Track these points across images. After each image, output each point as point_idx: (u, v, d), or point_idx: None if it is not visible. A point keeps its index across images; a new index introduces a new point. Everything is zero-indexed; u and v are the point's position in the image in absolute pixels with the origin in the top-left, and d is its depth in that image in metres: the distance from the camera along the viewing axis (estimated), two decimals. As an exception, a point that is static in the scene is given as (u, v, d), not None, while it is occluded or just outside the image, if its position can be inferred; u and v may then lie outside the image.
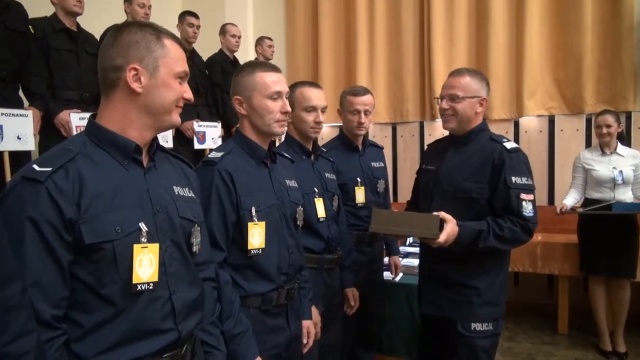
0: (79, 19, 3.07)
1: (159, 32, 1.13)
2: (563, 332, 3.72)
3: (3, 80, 2.62)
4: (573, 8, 4.07)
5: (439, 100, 1.92)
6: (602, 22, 4.02)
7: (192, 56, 3.96)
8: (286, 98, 1.61)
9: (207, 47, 4.30)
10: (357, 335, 2.50)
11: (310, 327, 1.78)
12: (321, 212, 1.99)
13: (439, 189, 1.92)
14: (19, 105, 2.72)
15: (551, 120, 4.28)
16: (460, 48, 4.51)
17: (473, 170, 1.85)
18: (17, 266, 0.88)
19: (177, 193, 1.19)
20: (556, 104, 4.23)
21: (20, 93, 2.83)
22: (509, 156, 1.80)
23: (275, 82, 1.57)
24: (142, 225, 1.05)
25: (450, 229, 1.69)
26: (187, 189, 1.25)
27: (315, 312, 1.85)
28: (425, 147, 2.41)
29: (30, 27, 2.80)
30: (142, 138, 1.12)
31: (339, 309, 2.21)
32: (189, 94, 1.18)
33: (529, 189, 1.80)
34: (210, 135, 3.80)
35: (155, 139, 1.19)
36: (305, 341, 1.75)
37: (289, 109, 1.60)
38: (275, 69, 1.61)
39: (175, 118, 1.17)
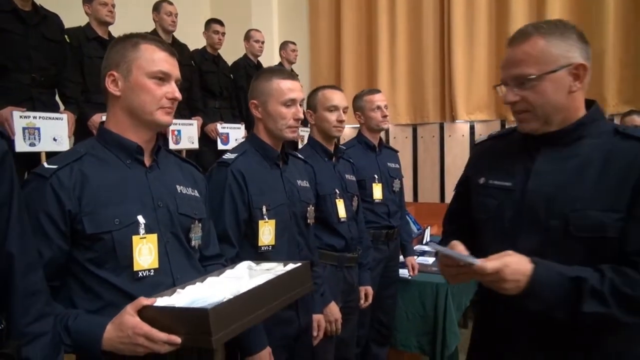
0: (110, 28, 3.25)
1: (138, 39, 1.21)
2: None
3: (41, 86, 2.80)
4: (595, 6, 4.02)
5: (500, 90, 1.18)
6: (624, 19, 3.94)
7: (217, 61, 4.14)
8: (300, 105, 1.68)
9: (234, 52, 4.46)
10: (372, 330, 2.59)
11: (321, 320, 1.85)
12: (342, 212, 2.06)
13: (531, 222, 1.13)
14: (55, 109, 2.90)
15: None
16: (480, 49, 4.51)
17: (606, 189, 1.07)
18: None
19: (179, 191, 1.28)
20: (578, 104, 4.18)
21: (57, 98, 3.02)
22: None
23: (291, 89, 1.64)
24: (140, 218, 1.16)
25: (513, 260, 1.02)
26: (190, 188, 1.33)
27: (336, 309, 1.92)
28: (473, 147, 1.28)
29: (66, 36, 2.99)
30: (139, 138, 1.22)
31: (356, 305, 2.29)
32: (173, 94, 1.19)
33: None
34: (233, 136, 3.93)
35: (158, 141, 1.29)
36: (315, 334, 1.83)
37: (301, 115, 1.68)
38: (292, 76, 1.68)
39: (161, 118, 1.20)
